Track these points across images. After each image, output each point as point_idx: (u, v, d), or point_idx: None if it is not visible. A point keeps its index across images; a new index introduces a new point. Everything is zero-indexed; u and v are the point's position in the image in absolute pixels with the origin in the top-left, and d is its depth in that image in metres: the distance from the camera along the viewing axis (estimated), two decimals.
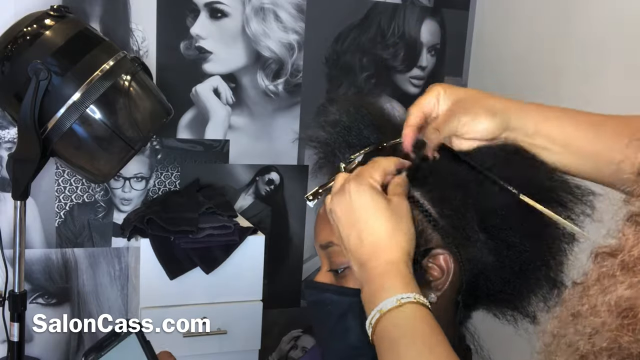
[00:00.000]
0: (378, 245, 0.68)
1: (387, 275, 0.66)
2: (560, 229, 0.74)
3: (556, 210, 0.73)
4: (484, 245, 0.73)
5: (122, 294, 2.11)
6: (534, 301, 0.77)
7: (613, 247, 0.49)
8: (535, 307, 0.77)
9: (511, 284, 0.76)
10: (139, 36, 1.97)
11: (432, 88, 0.78)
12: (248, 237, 1.88)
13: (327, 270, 0.79)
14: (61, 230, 2.00)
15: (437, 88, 0.78)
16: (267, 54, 2.12)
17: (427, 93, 0.78)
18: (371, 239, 0.68)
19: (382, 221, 0.68)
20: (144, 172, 2.07)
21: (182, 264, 1.82)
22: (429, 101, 0.77)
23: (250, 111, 2.15)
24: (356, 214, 0.69)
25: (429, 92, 0.78)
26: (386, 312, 0.64)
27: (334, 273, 0.78)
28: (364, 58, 2.24)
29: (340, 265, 0.76)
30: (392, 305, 0.64)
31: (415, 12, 2.27)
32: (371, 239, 0.68)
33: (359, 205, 0.69)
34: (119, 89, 1.44)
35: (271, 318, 2.19)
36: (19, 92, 1.37)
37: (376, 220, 0.68)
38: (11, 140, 1.89)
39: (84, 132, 1.41)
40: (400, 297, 0.64)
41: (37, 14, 1.46)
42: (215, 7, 2.03)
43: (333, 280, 0.78)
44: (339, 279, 0.77)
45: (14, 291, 1.47)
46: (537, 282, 0.77)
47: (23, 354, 1.48)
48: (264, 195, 2.23)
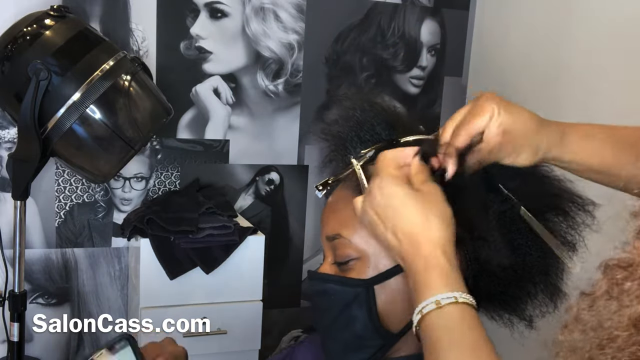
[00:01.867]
0: (414, 238, 0.67)
1: (427, 271, 0.65)
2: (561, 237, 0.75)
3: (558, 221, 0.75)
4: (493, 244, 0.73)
5: (122, 294, 2.11)
6: (531, 306, 0.78)
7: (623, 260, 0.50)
8: (532, 312, 0.78)
9: (513, 286, 0.77)
10: (139, 36, 1.97)
11: (486, 104, 0.73)
12: (248, 237, 1.88)
13: (332, 263, 0.79)
14: (61, 230, 2.00)
15: (491, 106, 0.72)
16: (267, 54, 2.12)
17: (481, 110, 0.72)
18: (406, 232, 0.67)
19: (413, 211, 0.67)
20: (144, 172, 2.07)
21: (182, 264, 1.82)
22: (481, 124, 0.72)
23: (250, 111, 2.15)
24: (386, 210, 0.68)
25: (482, 109, 0.72)
26: (425, 315, 0.64)
27: (338, 265, 0.78)
28: (364, 58, 2.24)
29: (346, 257, 0.77)
30: (431, 308, 0.63)
31: (415, 12, 2.27)
32: (406, 232, 0.67)
33: (387, 200, 0.68)
34: (119, 89, 1.43)
35: (271, 318, 2.19)
36: (19, 92, 1.37)
37: (406, 211, 0.67)
38: (11, 140, 1.89)
39: (84, 132, 1.41)
40: (440, 298, 0.63)
41: (37, 14, 1.45)
42: (215, 7, 2.03)
43: (337, 272, 0.78)
44: (343, 271, 0.77)
45: (14, 291, 1.47)
46: (537, 286, 0.78)
47: (23, 354, 1.48)
48: (264, 195, 2.23)
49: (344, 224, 0.77)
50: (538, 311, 0.78)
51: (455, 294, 0.64)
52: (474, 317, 0.64)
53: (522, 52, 2.09)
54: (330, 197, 0.82)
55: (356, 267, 0.76)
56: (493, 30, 2.27)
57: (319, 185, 0.80)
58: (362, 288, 0.74)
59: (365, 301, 0.74)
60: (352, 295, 0.75)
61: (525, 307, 0.79)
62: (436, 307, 0.63)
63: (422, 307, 0.64)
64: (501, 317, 0.81)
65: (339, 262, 0.78)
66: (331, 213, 0.80)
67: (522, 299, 0.78)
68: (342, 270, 0.78)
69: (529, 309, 0.78)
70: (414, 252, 0.67)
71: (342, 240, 0.77)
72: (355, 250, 0.76)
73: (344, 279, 0.76)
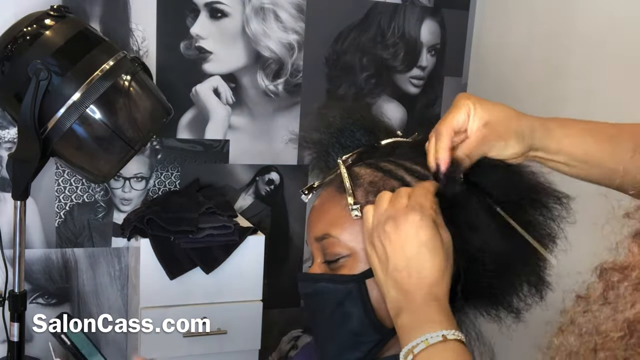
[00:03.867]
0: (427, 280, 0.69)
1: (434, 309, 0.68)
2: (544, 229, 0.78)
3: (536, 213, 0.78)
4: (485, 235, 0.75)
5: (122, 294, 2.11)
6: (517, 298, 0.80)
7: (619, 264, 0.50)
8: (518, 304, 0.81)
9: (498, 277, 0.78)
10: (139, 36, 1.97)
11: (461, 102, 0.76)
12: (248, 237, 1.88)
13: (322, 262, 0.80)
14: (61, 230, 2.00)
15: (466, 102, 0.76)
16: (267, 54, 2.12)
17: (456, 108, 0.76)
18: (423, 274, 0.69)
19: (437, 261, 0.69)
20: (144, 172, 2.07)
21: (182, 264, 1.82)
22: (459, 118, 0.75)
23: (250, 111, 2.15)
24: (415, 248, 0.69)
25: (458, 106, 0.76)
26: (431, 346, 0.65)
27: (328, 264, 0.79)
28: (364, 58, 2.24)
29: (336, 255, 0.77)
30: (438, 339, 0.65)
31: (415, 12, 2.27)
32: (423, 274, 0.69)
33: (419, 240, 0.69)
34: (119, 89, 1.44)
35: (271, 318, 2.19)
36: (19, 92, 1.37)
37: (433, 259, 0.69)
38: (11, 140, 1.89)
39: (84, 132, 1.41)
40: (447, 333, 0.66)
41: (37, 14, 1.46)
42: (215, 7, 2.03)
43: (327, 271, 0.79)
44: (333, 269, 0.78)
45: (14, 291, 1.47)
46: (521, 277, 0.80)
47: (23, 354, 1.48)
48: (264, 195, 2.23)
49: (332, 223, 0.78)
50: (523, 304, 0.80)
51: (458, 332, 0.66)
52: (469, 354, 0.66)
53: (522, 52, 2.09)
54: (316, 200, 0.84)
55: (347, 265, 0.77)
56: (493, 30, 2.27)
57: (305, 190, 0.83)
58: (354, 283, 0.75)
59: (359, 296, 0.75)
60: (344, 292, 0.76)
61: (511, 300, 0.80)
62: (442, 340, 0.65)
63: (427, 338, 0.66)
64: (489, 312, 0.82)
65: (328, 260, 0.78)
66: (318, 215, 0.81)
67: (508, 291, 0.80)
68: (332, 269, 0.78)
69: (515, 301, 0.80)
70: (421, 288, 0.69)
71: (331, 239, 0.78)
72: (345, 247, 0.77)
73: (335, 276, 0.77)
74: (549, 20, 1.97)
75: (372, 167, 0.80)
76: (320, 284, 0.78)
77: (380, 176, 0.78)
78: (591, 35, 1.79)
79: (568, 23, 1.87)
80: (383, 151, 0.82)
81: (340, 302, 0.76)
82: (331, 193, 0.81)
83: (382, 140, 0.84)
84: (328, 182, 0.82)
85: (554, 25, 1.94)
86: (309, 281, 0.79)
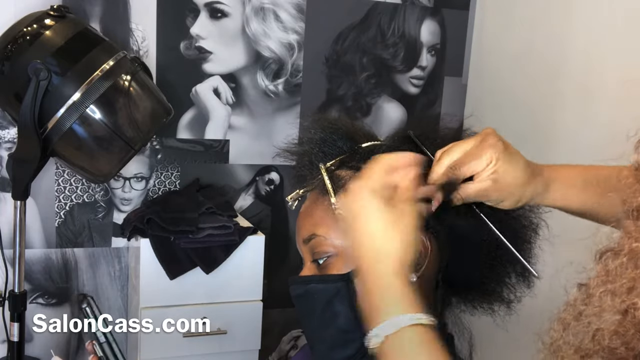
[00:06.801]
0: (373, 253, 0.68)
1: (384, 291, 0.66)
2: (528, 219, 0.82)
3: None
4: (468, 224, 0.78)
5: (122, 294, 2.11)
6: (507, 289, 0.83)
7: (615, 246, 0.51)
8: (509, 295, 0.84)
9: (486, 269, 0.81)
10: (139, 36, 1.97)
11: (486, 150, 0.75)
12: (248, 237, 1.88)
13: (311, 262, 0.82)
14: (61, 230, 2.00)
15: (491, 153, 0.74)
16: (267, 54, 2.12)
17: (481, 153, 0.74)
18: (366, 245, 0.68)
19: (378, 227, 0.68)
20: (144, 172, 2.07)
21: (182, 264, 1.82)
22: (477, 167, 0.75)
23: (250, 111, 2.15)
24: (356, 216, 0.70)
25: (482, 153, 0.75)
26: (384, 337, 0.64)
27: (317, 265, 0.81)
28: (364, 58, 2.24)
29: (324, 254, 0.80)
30: (390, 331, 0.63)
31: (415, 12, 2.27)
32: (366, 245, 0.68)
33: (359, 207, 0.70)
34: (119, 89, 1.43)
35: (271, 318, 2.19)
36: (19, 92, 1.37)
37: (371, 226, 0.68)
38: (11, 140, 1.89)
39: (84, 132, 1.41)
40: (397, 321, 0.64)
41: (37, 14, 1.46)
42: (215, 7, 2.03)
43: (316, 272, 0.81)
44: (322, 269, 0.80)
45: (14, 291, 1.47)
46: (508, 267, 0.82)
47: (23, 354, 1.48)
48: (264, 195, 2.23)
49: (317, 224, 0.81)
50: (513, 295, 0.83)
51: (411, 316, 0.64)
52: (432, 337, 0.64)
53: (522, 52, 2.08)
54: (302, 206, 0.86)
55: (335, 264, 0.79)
56: (493, 30, 2.27)
57: (290, 198, 0.86)
58: (342, 282, 0.77)
59: (347, 295, 0.76)
60: (333, 291, 0.77)
61: (501, 291, 0.83)
62: (395, 331, 0.63)
63: (379, 332, 0.64)
64: (481, 305, 0.85)
65: (317, 259, 0.80)
66: (304, 218, 0.84)
67: (497, 282, 0.83)
68: (321, 269, 0.80)
69: (505, 292, 0.83)
70: (372, 267, 0.67)
71: (318, 238, 0.80)
72: (332, 246, 0.79)
73: (324, 276, 0.79)
74: (548, 20, 1.97)
75: (353, 168, 0.82)
76: (311, 285, 0.80)
77: None
78: (590, 36, 1.79)
79: (568, 23, 1.87)
80: (363, 154, 0.84)
81: (330, 301, 0.78)
82: (315, 197, 0.84)
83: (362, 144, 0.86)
84: (312, 188, 0.85)
85: (553, 25, 1.94)
86: (300, 284, 0.82)
